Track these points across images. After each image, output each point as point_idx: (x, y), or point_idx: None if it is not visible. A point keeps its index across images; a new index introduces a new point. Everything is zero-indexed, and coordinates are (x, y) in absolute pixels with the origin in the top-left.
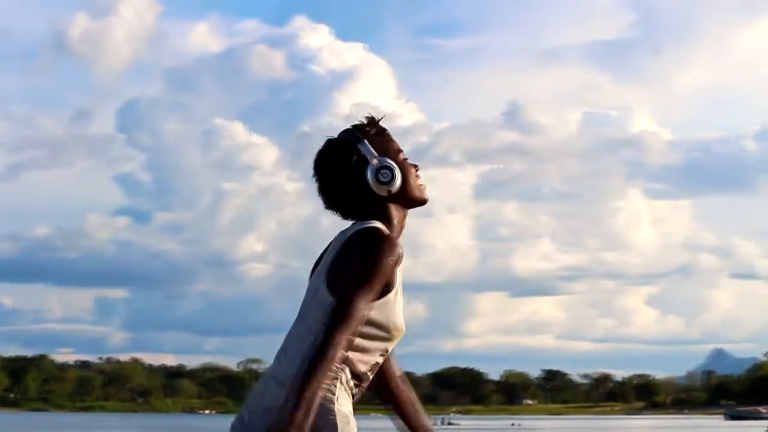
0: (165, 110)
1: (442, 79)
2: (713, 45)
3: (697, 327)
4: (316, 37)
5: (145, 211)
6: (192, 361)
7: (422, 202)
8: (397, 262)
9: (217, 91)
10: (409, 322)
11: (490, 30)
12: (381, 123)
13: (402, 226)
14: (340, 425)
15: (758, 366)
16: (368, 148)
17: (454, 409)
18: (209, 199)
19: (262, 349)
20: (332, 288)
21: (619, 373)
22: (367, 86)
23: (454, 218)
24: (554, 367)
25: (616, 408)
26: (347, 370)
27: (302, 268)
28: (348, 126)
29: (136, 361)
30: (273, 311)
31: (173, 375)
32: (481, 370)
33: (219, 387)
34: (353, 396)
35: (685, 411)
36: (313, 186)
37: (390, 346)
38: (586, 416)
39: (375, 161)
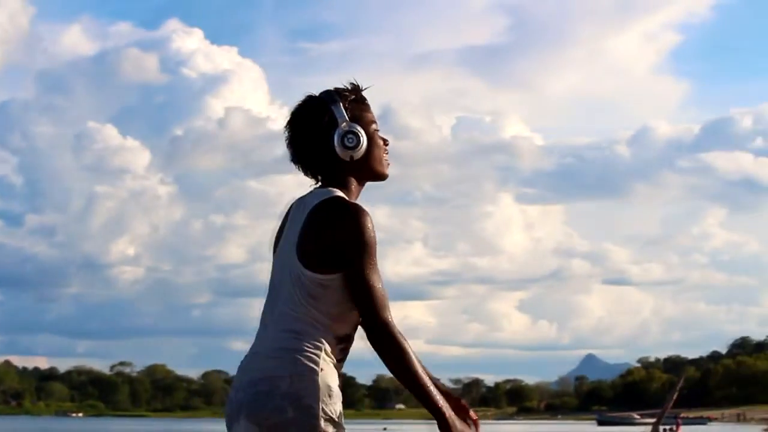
0: (37, 113)
1: (314, 83)
2: (586, 51)
3: (568, 332)
4: (189, 41)
5: (16, 214)
6: (64, 364)
7: (382, 176)
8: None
9: (89, 94)
10: None
11: (363, 34)
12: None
13: (357, 197)
14: (321, 396)
15: (629, 372)
16: (341, 111)
17: None
18: (81, 202)
19: (134, 352)
20: (305, 260)
21: (491, 378)
22: (240, 90)
23: None
24: None
25: (488, 413)
26: (330, 338)
27: (173, 271)
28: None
29: (8, 364)
30: (144, 314)
31: (45, 378)
32: (352, 374)
33: (91, 390)
34: (339, 360)
35: (558, 416)
36: (283, 137)
37: None
38: None
39: (344, 125)
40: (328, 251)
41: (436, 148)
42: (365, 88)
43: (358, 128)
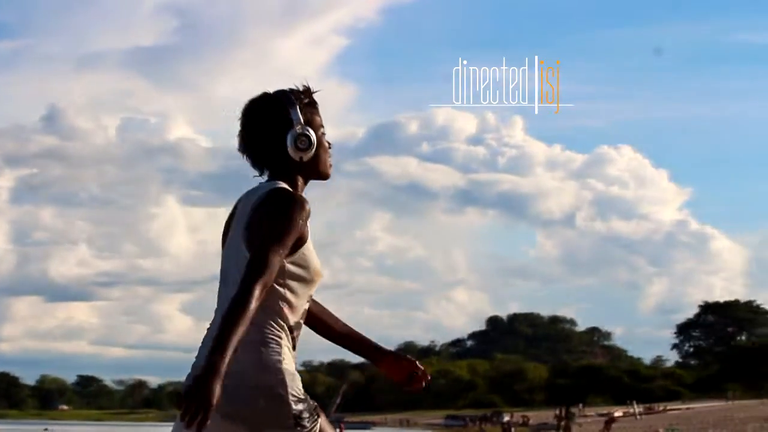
0: None
1: None
2: (253, 54)
3: None
4: None
5: None
6: None
7: (326, 176)
8: (307, 217)
9: None
10: None
11: (32, 34)
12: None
13: (301, 192)
14: (288, 382)
15: None
16: (297, 114)
17: None
18: None
19: None
20: (248, 246)
21: (154, 380)
22: None
23: None
24: (90, 373)
25: (151, 415)
26: (286, 328)
27: None
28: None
29: None
30: None
31: None
32: (17, 374)
33: None
34: (294, 347)
35: None
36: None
37: (313, 291)
38: (121, 423)
39: (298, 127)
40: None
41: (102, 149)
42: (315, 92)
43: (310, 131)
